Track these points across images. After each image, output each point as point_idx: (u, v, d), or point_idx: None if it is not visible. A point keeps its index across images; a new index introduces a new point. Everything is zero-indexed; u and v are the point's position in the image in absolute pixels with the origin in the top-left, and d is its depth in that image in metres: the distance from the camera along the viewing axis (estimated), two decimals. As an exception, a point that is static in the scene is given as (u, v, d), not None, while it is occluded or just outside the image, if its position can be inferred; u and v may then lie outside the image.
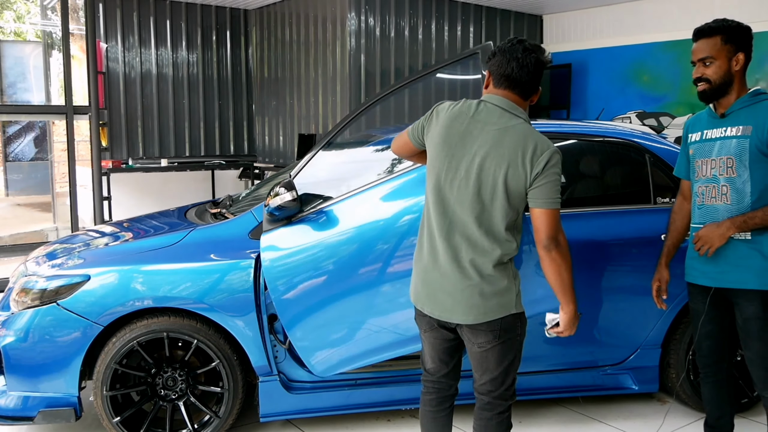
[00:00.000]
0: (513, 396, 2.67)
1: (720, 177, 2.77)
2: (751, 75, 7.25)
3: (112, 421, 3.25)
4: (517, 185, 2.38)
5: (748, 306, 2.73)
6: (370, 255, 3.14)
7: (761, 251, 2.70)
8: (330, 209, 3.22)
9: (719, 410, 3.05)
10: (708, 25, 2.77)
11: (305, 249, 3.19)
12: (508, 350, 2.56)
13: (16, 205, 13.88)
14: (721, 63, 2.73)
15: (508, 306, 2.49)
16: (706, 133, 2.85)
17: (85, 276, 3.24)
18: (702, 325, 2.92)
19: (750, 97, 2.78)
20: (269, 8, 8.19)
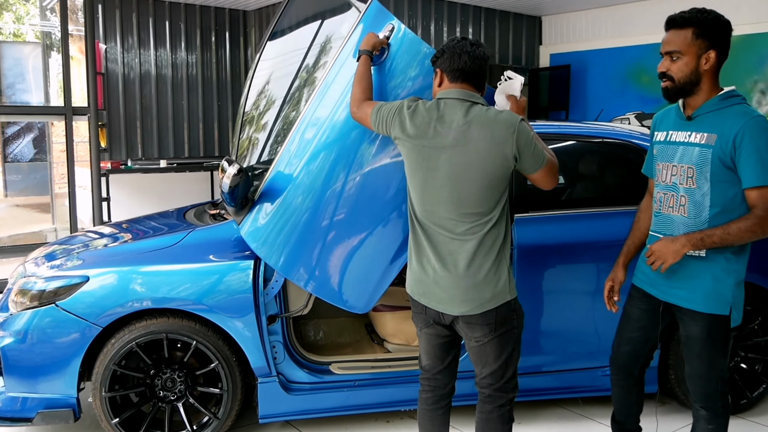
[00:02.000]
0: (515, 389, 2.69)
1: (680, 186, 2.56)
2: (750, 76, 7.28)
3: (111, 423, 3.24)
4: (499, 168, 2.48)
5: (693, 326, 2.58)
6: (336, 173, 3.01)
7: (713, 273, 2.52)
8: (278, 165, 3.15)
9: (627, 410, 2.97)
10: (681, 14, 2.47)
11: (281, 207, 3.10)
12: (506, 343, 2.60)
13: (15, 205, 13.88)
14: (688, 60, 2.46)
15: (500, 296, 2.54)
16: (671, 134, 2.63)
17: (84, 277, 3.23)
18: (629, 330, 2.82)
19: (720, 101, 2.49)
20: (268, 9, 8.19)
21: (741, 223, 2.43)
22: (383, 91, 2.91)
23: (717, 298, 2.54)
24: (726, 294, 2.54)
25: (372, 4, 2.98)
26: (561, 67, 8.70)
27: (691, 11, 2.46)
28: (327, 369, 3.52)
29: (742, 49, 7.35)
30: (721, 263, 2.54)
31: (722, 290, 2.54)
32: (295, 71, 3.47)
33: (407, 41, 2.87)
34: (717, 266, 2.53)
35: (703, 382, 2.63)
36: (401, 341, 3.72)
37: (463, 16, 8.31)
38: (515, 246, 3.48)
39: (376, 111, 2.68)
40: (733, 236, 2.43)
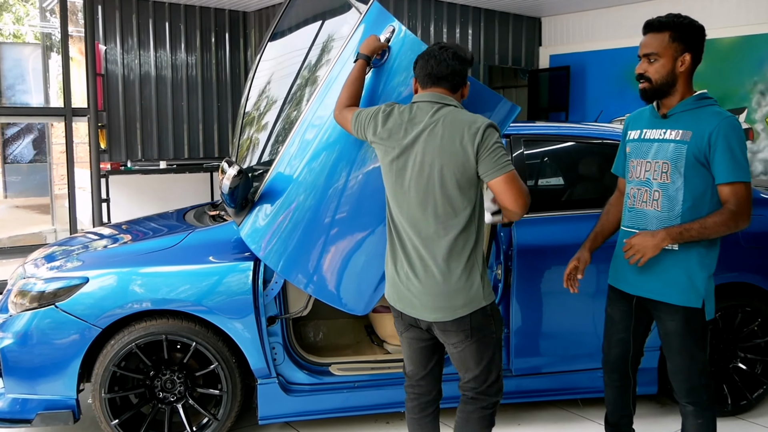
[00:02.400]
0: (499, 392, 2.67)
1: (653, 181, 2.64)
2: (750, 78, 7.28)
3: (111, 424, 3.24)
4: (464, 171, 2.44)
5: (670, 321, 2.65)
6: (336, 174, 3.01)
7: (686, 266, 2.59)
8: (278, 166, 3.16)
9: (621, 411, 3.01)
10: (658, 19, 2.60)
11: (281, 208, 3.10)
12: (485, 348, 2.58)
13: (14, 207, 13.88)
14: (665, 62, 2.58)
15: (474, 302, 2.50)
16: (646, 132, 2.72)
17: (83, 278, 3.23)
18: (616, 332, 2.86)
19: (694, 101, 2.61)
20: (268, 10, 8.19)
21: (716, 218, 2.52)
22: (383, 93, 2.91)
23: (691, 291, 2.61)
24: (699, 287, 2.61)
25: (372, 5, 2.98)
26: (560, 69, 8.70)
27: (667, 16, 2.59)
28: (327, 370, 3.52)
29: (741, 51, 7.36)
30: (694, 257, 2.60)
31: (696, 283, 2.61)
32: (296, 72, 3.47)
33: (408, 43, 2.87)
34: (690, 260, 2.60)
35: (686, 376, 2.69)
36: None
37: (463, 18, 8.31)
38: (515, 247, 3.48)
39: (356, 116, 2.70)
40: (709, 230, 2.52)
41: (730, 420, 3.76)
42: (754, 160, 7.34)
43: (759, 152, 7.32)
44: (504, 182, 2.40)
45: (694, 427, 2.74)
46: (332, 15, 3.47)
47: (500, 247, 3.51)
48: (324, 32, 3.49)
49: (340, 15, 3.35)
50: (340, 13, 3.34)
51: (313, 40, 3.49)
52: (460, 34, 8.33)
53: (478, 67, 8.56)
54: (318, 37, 3.50)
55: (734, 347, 3.78)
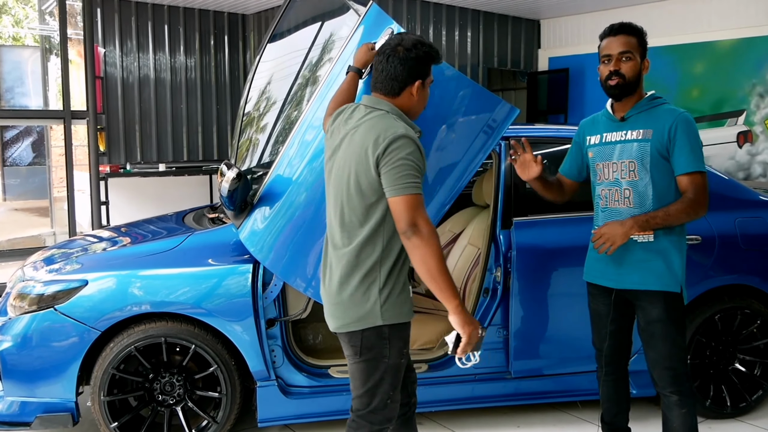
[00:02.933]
0: (384, 422, 2.47)
1: (622, 180, 2.78)
2: (749, 80, 7.29)
3: (110, 427, 3.24)
4: (368, 182, 2.31)
5: (651, 309, 2.75)
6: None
7: (662, 253, 2.73)
8: (277, 168, 3.16)
9: (617, 407, 3.09)
10: (628, 23, 2.81)
11: (280, 211, 3.09)
12: (372, 370, 2.41)
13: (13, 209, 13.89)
14: (636, 62, 2.75)
15: (367, 319, 2.36)
16: (606, 135, 2.85)
17: (82, 281, 3.23)
18: (604, 325, 2.95)
19: (648, 101, 2.78)
20: (267, 13, 8.20)
21: (678, 205, 2.68)
22: None
23: (669, 276, 2.73)
24: (677, 272, 2.75)
25: (371, 8, 2.98)
26: (560, 71, 8.71)
27: (631, 24, 2.81)
28: (326, 373, 3.52)
29: (740, 53, 7.37)
30: (670, 244, 2.74)
31: (673, 269, 2.74)
32: (295, 74, 3.48)
33: None
34: (666, 248, 2.74)
35: (670, 363, 2.76)
36: (400, 345, 3.71)
37: (462, 20, 8.32)
38: (514, 249, 3.48)
39: (328, 110, 2.71)
40: (672, 217, 2.67)
41: (730, 422, 3.76)
42: (753, 162, 7.35)
43: (758, 154, 7.33)
44: (399, 204, 2.24)
45: (680, 417, 2.79)
46: (331, 17, 3.47)
47: (499, 249, 3.52)
48: (323, 34, 3.49)
49: (338, 17, 3.36)
50: (339, 15, 3.35)
51: (312, 42, 3.49)
52: (459, 37, 8.33)
53: (477, 70, 8.57)
54: (317, 39, 3.50)
55: (733, 349, 3.78)
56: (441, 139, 2.98)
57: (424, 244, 2.24)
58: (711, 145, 7.67)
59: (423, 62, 2.44)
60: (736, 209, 3.78)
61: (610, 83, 2.77)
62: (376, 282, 2.36)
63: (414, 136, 2.31)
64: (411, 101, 2.45)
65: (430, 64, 2.48)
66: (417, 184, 2.27)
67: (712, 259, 3.65)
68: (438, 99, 2.91)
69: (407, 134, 2.29)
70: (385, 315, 2.36)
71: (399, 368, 2.45)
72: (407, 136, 2.29)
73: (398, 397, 2.51)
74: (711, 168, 3.97)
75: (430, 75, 2.49)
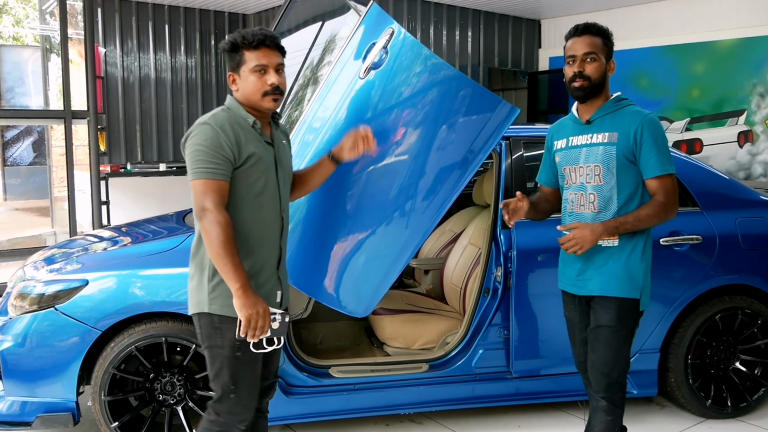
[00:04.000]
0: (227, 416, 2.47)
1: (587, 185, 2.73)
2: (749, 80, 7.29)
3: (110, 427, 3.24)
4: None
5: (603, 313, 2.71)
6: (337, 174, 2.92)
7: (625, 259, 2.68)
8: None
9: None
10: (593, 23, 2.75)
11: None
12: (212, 359, 2.44)
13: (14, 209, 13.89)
14: (601, 63, 2.69)
15: (200, 304, 2.43)
16: (572, 139, 2.81)
17: (83, 281, 3.23)
18: (578, 332, 2.89)
19: (613, 104, 2.74)
20: (268, 13, 8.20)
21: (648, 209, 2.65)
22: (383, 95, 2.91)
23: (629, 282, 2.69)
24: (637, 278, 2.70)
25: (372, 7, 2.98)
26: (560, 71, 8.64)
27: (597, 24, 2.75)
28: (326, 372, 3.52)
29: (741, 53, 7.36)
30: (634, 251, 2.70)
31: (634, 274, 2.69)
32: (295, 74, 3.47)
33: (407, 45, 2.87)
34: (630, 254, 2.70)
35: (608, 370, 2.72)
36: (400, 345, 3.72)
37: (462, 20, 8.32)
38: (515, 249, 3.48)
39: None
40: (643, 221, 2.64)
41: (730, 422, 3.76)
42: (753, 162, 7.34)
43: (758, 154, 7.33)
44: (192, 189, 2.34)
45: (603, 423, 2.76)
46: (332, 17, 3.47)
47: (500, 249, 3.52)
48: (323, 34, 3.49)
49: (339, 17, 3.35)
50: (340, 15, 3.34)
51: (313, 42, 3.49)
52: (460, 37, 8.33)
53: (477, 70, 8.57)
54: (317, 39, 3.50)
55: (734, 349, 3.78)
56: (441, 138, 2.98)
57: (208, 230, 2.28)
58: (712, 144, 7.68)
59: (230, 50, 2.45)
60: (736, 209, 3.78)
61: (575, 85, 2.71)
62: (206, 271, 2.41)
63: (214, 123, 2.36)
64: (236, 95, 2.49)
65: (242, 51, 2.43)
66: (207, 169, 2.31)
67: (713, 259, 3.65)
68: (438, 99, 2.90)
69: (206, 122, 2.37)
70: (213, 304, 2.39)
71: (239, 362, 2.42)
72: (205, 123, 2.37)
73: (245, 394, 2.47)
74: (711, 168, 3.98)
75: (246, 61, 2.43)
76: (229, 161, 2.35)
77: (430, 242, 4.72)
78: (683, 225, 3.64)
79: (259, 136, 2.46)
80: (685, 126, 7.87)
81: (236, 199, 2.40)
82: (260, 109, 2.48)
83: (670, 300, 3.63)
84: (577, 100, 2.78)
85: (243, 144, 2.39)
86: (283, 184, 2.56)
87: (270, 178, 2.48)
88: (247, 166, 2.40)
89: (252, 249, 2.44)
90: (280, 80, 2.47)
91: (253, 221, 2.44)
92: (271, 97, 2.44)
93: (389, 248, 3.04)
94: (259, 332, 2.30)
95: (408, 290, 4.54)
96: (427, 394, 3.58)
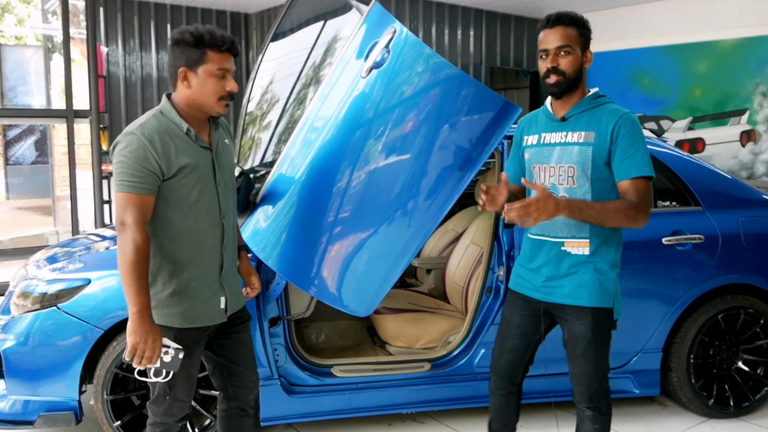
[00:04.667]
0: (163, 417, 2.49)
1: (559, 186, 2.56)
2: (752, 79, 7.28)
3: (113, 425, 3.24)
4: None
5: (578, 325, 2.58)
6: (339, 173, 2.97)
7: (596, 267, 2.55)
8: (280, 167, 3.15)
9: (506, 418, 2.94)
10: (565, 13, 2.55)
11: (283, 209, 3.06)
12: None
13: (16, 208, 13.89)
14: (576, 56, 2.53)
15: (156, 311, 2.36)
16: (545, 136, 2.63)
17: (85, 280, 3.23)
18: (510, 337, 2.77)
19: (591, 100, 2.58)
20: (270, 12, 8.20)
21: (617, 204, 2.44)
22: (384, 97, 2.90)
23: (601, 291, 2.55)
24: (609, 287, 2.56)
25: (374, 7, 2.98)
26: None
27: (567, 13, 2.55)
28: (329, 372, 3.52)
29: (743, 52, 7.36)
30: (603, 258, 2.56)
31: (605, 283, 2.56)
32: (297, 73, 3.47)
33: (409, 44, 2.87)
34: (600, 261, 2.56)
35: (589, 381, 2.63)
36: (403, 344, 3.72)
37: (465, 19, 8.32)
38: (517, 248, 3.48)
39: None
40: (608, 213, 2.42)
41: (733, 422, 3.75)
42: (756, 162, 7.34)
43: (761, 153, 7.32)
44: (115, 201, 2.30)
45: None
46: (333, 16, 3.47)
47: (502, 249, 3.51)
48: (325, 33, 3.49)
49: (341, 16, 3.35)
50: (342, 14, 3.34)
51: (315, 41, 3.49)
52: (462, 36, 8.33)
53: (479, 69, 8.56)
54: (319, 38, 3.50)
55: (736, 349, 3.78)
56: (443, 138, 2.97)
57: (121, 247, 2.24)
58: (714, 144, 7.67)
59: (192, 45, 2.33)
60: (739, 208, 3.78)
61: (549, 81, 2.54)
62: (157, 280, 2.38)
63: (142, 133, 2.27)
64: (185, 92, 2.39)
65: (205, 49, 2.32)
66: (130, 183, 2.25)
67: (716, 259, 3.64)
68: (440, 98, 2.90)
69: (133, 132, 2.29)
70: (157, 315, 2.34)
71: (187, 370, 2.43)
72: (132, 134, 2.28)
73: (180, 396, 2.48)
74: (714, 167, 3.97)
75: (208, 62, 2.33)
76: (155, 175, 2.27)
77: (432, 241, 4.72)
78: (686, 224, 3.64)
79: (193, 143, 2.37)
80: (687, 125, 7.86)
81: (169, 209, 2.34)
82: (209, 113, 2.42)
83: (672, 299, 3.63)
84: (552, 97, 2.62)
85: (173, 155, 2.30)
86: (224, 187, 2.48)
87: (207, 185, 2.41)
88: (179, 177, 2.32)
89: (190, 259, 2.39)
90: (236, 87, 2.44)
91: (189, 231, 2.38)
92: (224, 102, 2.40)
93: (391, 247, 3.03)
94: (145, 361, 2.27)
95: (410, 289, 4.54)
96: (429, 393, 3.58)
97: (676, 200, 3.73)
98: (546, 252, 2.62)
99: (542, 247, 2.64)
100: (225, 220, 2.49)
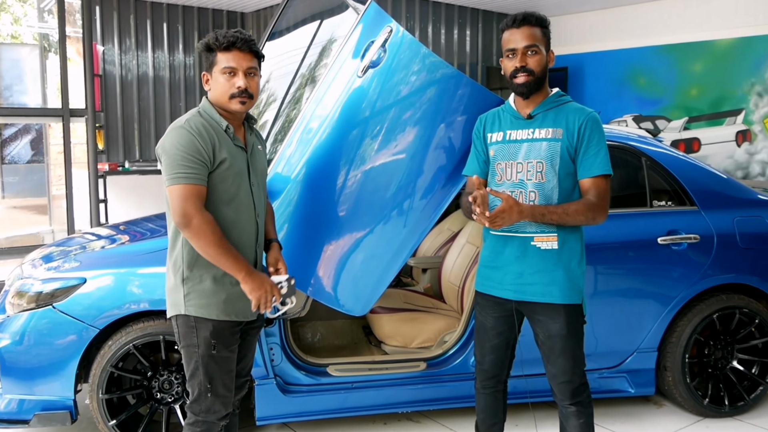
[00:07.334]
0: (207, 414, 2.50)
1: (528, 182, 2.58)
2: (747, 79, 7.30)
3: (108, 425, 3.24)
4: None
5: (551, 323, 2.61)
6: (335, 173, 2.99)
7: (564, 264, 2.58)
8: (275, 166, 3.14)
9: (493, 418, 2.94)
10: (531, 14, 2.59)
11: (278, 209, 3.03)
12: (189, 359, 2.49)
13: (12, 207, 13.86)
14: (543, 55, 2.58)
15: (176, 306, 2.47)
16: (510, 133, 2.64)
17: (81, 279, 3.23)
18: (488, 339, 2.78)
19: (555, 99, 2.62)
20: (266, 11, 8.19)
21: (577, 206, 2.52)
22: (380, 97, 2.91)
23: (571, 288, 2.60)
24: (578, 283, 2.62)
25: (370, 6, 2.98)
26: (558, 70, 8.70)
27: (535, 13, 2.61)
28: (324, 371, 3.52)
29: (739, 52, 7.37)
30: (572, 254, 2.61)
31: (574, 280, 2.61)
32: (294, 72, 3.47)
33: (405, 43, 2.87)
34: (569, 258, 2.60)
35: (570, 377, 2.67)
36: (398, 343, 3.72)
37: (461, 19, 8.32)
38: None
39: None
40: (569, 216, 2.51)
41: (727, 421, 3.76)
42: (751, 162, 7.35)
43: (756, 153, 7.34)
44: (170, 195, 2.36)
45: (576, 427, 2.73)
46: (330, 15, 3.47)
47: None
48: (322, 33, 3.49)
49: (337, 15, 3.35)
50: (338, 14, 3.34)
51: (311, 41, 3.49)
52: (458, 35, 8.33)
53: (476, 68, 8.57)
54: (316, 37, 3.49)
55: (731, 348, 3.79)
56: (440, 137, 2.98)
57: (197, 235, 2.32)
58: (710, 144, 7.69)
59: (205, 51, 2.47)
60: (734, 208, 3.78)
61: (518, 81, 2.56)
62: (179, 273, 2.45)
63: (190, 127, 2.37)
64: (210, 95, 2.51)
65: (215, 52, 2.44)
66: (186, 174, 2.33)
67: (711, 258, 3.65)
68: (437, 97, 2.90)
69: (182, 126, 2.39)
70: (188, 305, 2.43)
71: (214, 360, 2.47)
72: (181, 127, 2.38)
73: (222, 392, 2.50)
74: (709, 167, 3.98)
75: (217, 62, 2.44)
76: (206, 165, 2.36)
77: (428, 241, 4.73)
78: (681, 224, 3.65)
79: (231, 141, 2.46)
80: (683, 125, 7.88)
81: (211, 203, 2.41)
82: (229, 111, 2.47)
83: (667, 299, 3.64)
84: (520, 96, 2.62)
85: (217, 148, 2.39)
86: (257, 188, 2.55)
87: (243, 182, 2.48)
88: (221, 170, 2.40)
89: None
90: (249, 84, 2.44)
91: (231, 222, 2.45)
92: (238, 100, 2.43)
93: (387, 247, 3.04)
94: (270, 304, 2.43)
95: (406, 289, 4.54)
96: (424, 392, 3.58)
97: (671, 200, 3.74)
98: (514, 248, 2.63)
99: (509, 243, 2.64)
100: (259, 219, 2.55)
